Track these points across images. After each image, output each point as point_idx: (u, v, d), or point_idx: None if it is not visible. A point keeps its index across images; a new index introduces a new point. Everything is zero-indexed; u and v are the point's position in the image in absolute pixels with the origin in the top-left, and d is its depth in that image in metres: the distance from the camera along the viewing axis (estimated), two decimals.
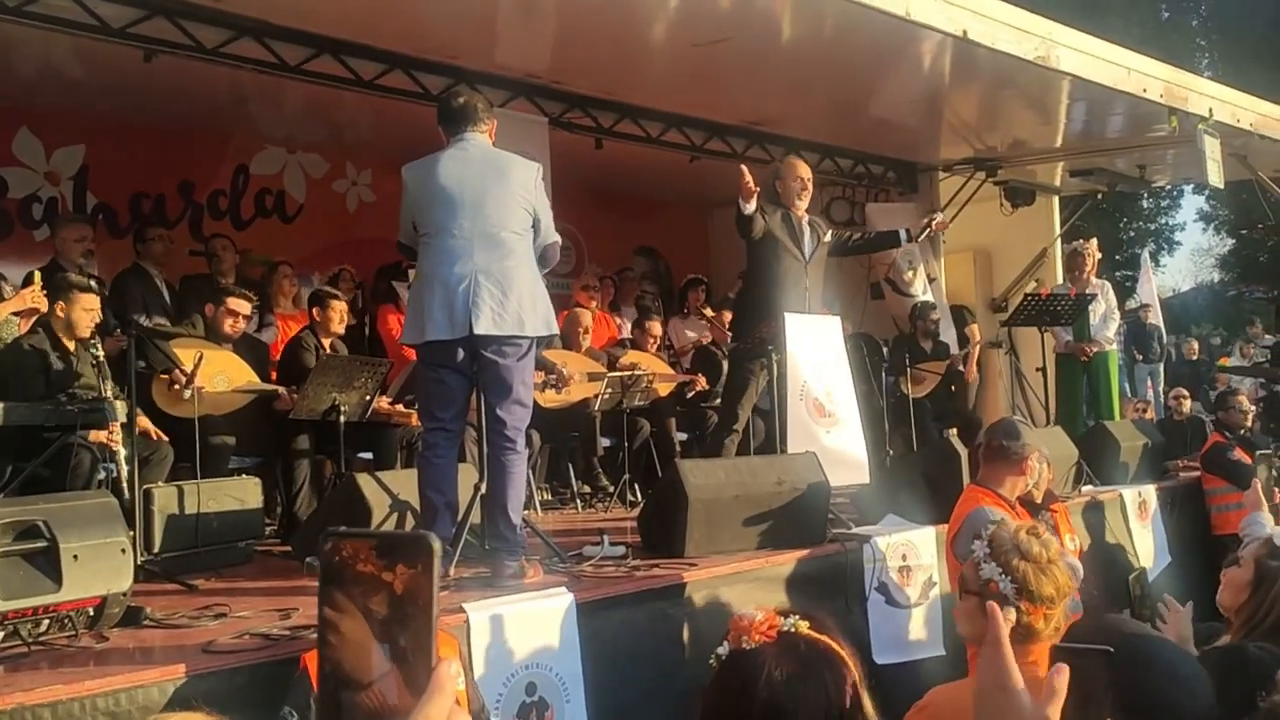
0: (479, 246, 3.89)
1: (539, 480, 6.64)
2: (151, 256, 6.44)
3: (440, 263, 3.93)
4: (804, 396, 5.27)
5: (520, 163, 4.10)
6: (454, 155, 4.03)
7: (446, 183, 3.95)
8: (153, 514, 4.23)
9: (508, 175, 3.99)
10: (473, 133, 4.06)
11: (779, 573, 4.34)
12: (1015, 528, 2.58)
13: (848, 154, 9.32)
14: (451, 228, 3.92)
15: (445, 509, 3.96)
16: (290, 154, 8.42)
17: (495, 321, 3.84)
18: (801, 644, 1.36)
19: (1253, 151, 8.69)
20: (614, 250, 10.04)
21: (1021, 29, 6.18)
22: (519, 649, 3.40)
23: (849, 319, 8.23)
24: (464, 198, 3.92)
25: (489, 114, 4.16)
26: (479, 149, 4.05)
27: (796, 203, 5.67)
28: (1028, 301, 7.85)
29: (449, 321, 3.86)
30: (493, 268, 3.87)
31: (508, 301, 3.86)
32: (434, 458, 4.00)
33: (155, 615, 3.37)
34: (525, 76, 6.82)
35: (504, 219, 3.94)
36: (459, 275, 3.86)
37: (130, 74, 5.99)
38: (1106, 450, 6.84)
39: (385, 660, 0.75)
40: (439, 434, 4.02)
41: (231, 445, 5.18)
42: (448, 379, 4.02)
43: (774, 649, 1.36)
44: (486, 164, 4.01)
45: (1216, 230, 29.94)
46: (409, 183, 4.08)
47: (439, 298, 3.88)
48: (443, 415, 4.04)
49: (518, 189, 3.99)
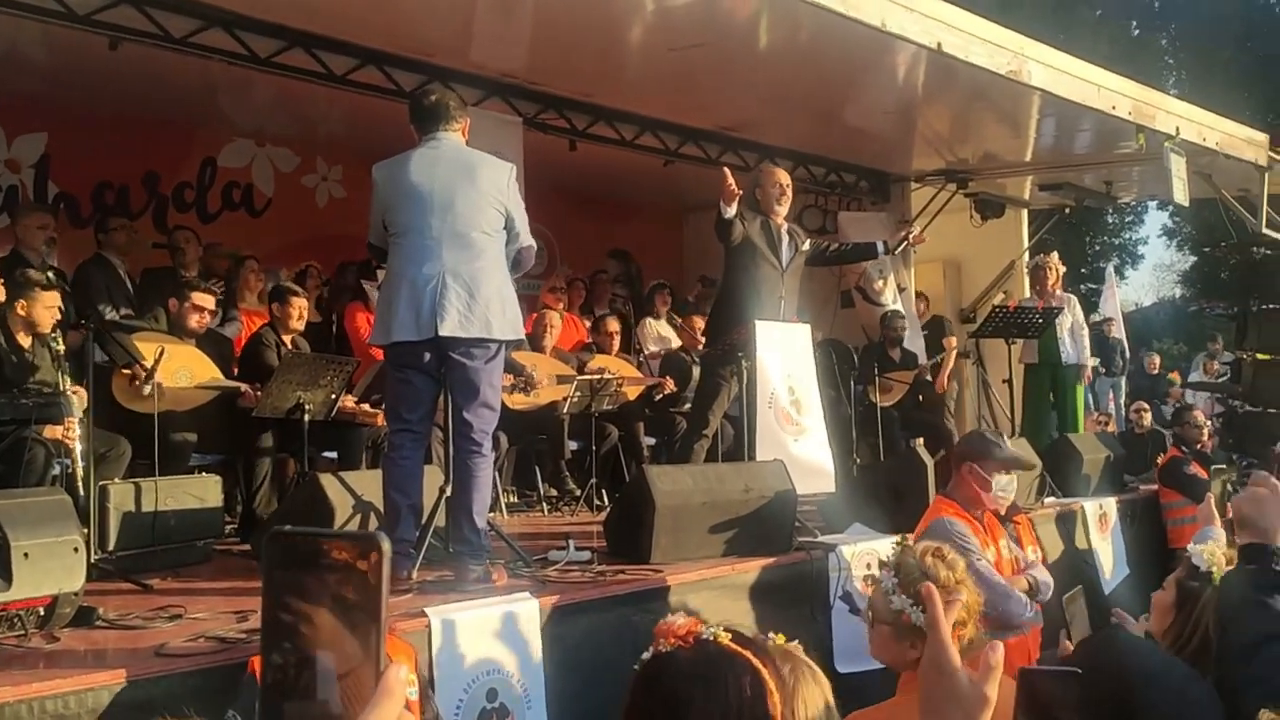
0: (448, 247, 3.84)
1: (505, 483, 6.60)
2: (115, 247, 6.32)
3: (408, 262, 3.89)
4: (773, 404, 5.27)
5: (492, 162, 4.05)
6: (424, 154, 3.98)
7: (416, 181, 3.90)
8: (108, 511, 4.15)
9: (478, 175, 3.94)
10: (445, 132, 4.01)
11: (744, 580, 4.33)
12: (920, 551, 2.59)
13: (821, 162, 9.35)
14: (421, 227, 3.87)
15: (409, 511, 3.93)
16: (259, 147, 8.32)
17: (462, 324, 3.80)
18: (716, 654, 1.37)
19: (1217, 170, 8.82)
20: (587, 253, 10.01)
21: (995, 43, 6.23)
22: (481, 654, 3.36)
23: (819, 327, 8.25)
24: (434, 197, 3.87)
25: (462, 112, 4.11)
26: (450, 148, 4.00)
27: (776, 209, 5.67)
28: (995, 313, 7.91)
29: (415, 322, 3.82)
30: (461, 269, 3.83)
31: (475, 303, 3.82)
32: (399, 459, 3.96)
33: (108, 616, 3.30)
34: (501, 76, 6.77)
35: (474, 219, 3.89)
36: (426, 276, 3.82)
37: (95, 62, 5.87)
38: (1069, 463, 6.90)
39: (330, 667, 0.72)
40: (405, 435, 3.98)
41: (192, 442, 5.09)
42: (415, 380, 3.97)
43: (688, 655, 1.36)
44: (457, 163, 3.96)
45: (1179, 246, 30.38)
46: (379, 181, 4.03)
47: (405, 298, 3.84)
48: (409, 416, 4.00)
49: (489, 189, 3.94)
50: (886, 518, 5.08)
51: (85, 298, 5.78)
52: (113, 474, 4.48)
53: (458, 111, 4.07)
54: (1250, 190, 9.30)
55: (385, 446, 4.33)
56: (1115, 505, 6.88)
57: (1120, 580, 6.58)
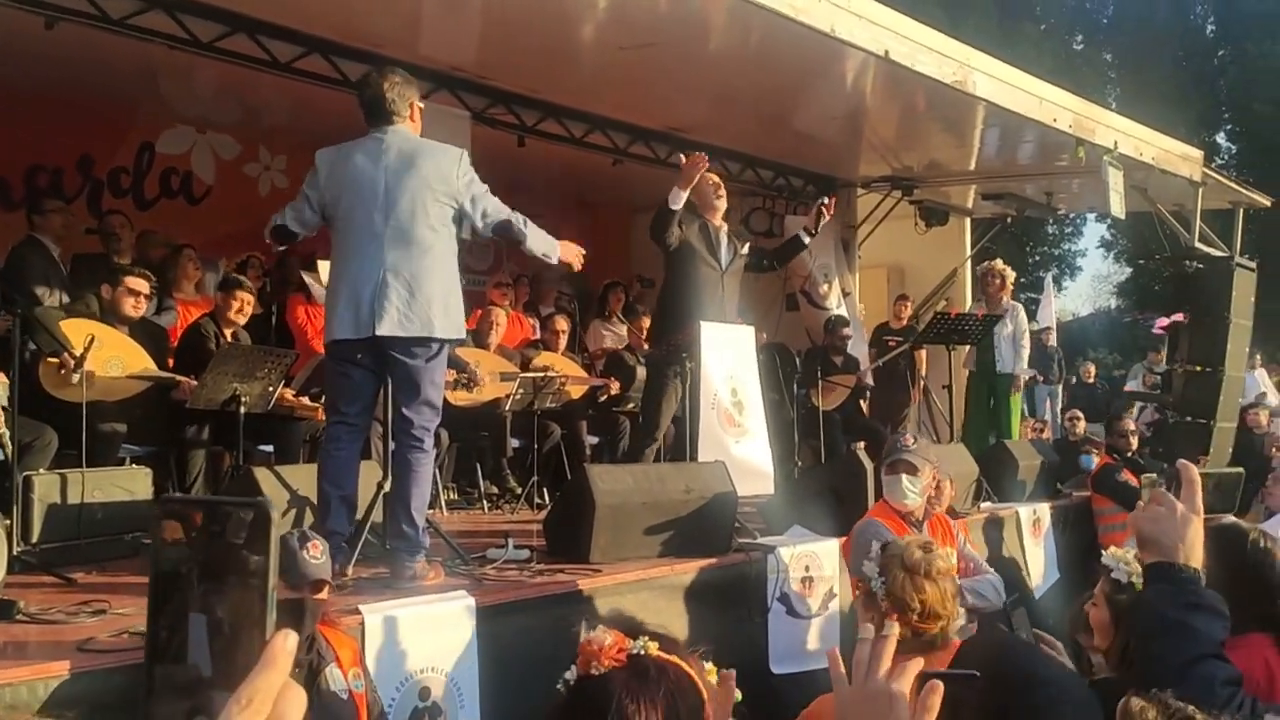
0: (391, 243, 3.78)
1: (446, 480, 6.53)
2: (49, 230, 6.08)
3: (350, 259, 3.83)
4: (715, 405, 5.28)
5: (439, 151, 3.94)
6: (369, 148, 3.90)
7: (360, 175, 3.84)
8: (32, 502, 4.02)
9: (423, 167, 3.86)
10: (392, 124, 3.93)
11: (683, 581, 4.33)
12: (909, 540, 2.66)
13: (769, 165, 9.41)
14: (364, 222, 3.81)
15: (341, 503, 3.86)
16: (200, 134, 8.15)
17: (401, 323, 3.75)
18: (652, 668, 1.33)
19: (1153, 185, 9.03)
20: None
21: (941, 53, 6.31)
22: (414, 652, 3.32)
23: (764, 330, 8.29)
24: (376, 192, 3.81)
25: (407, 98, 3.97)
26: (397, 140, 3.92)
27: (714, 206, 5.67)
28: (937, 320, 8.01)
29: (354, 321, 3.77)
30: (403, 267, 3.77)
31: (415, 302, 3.76)
32: (334, 450, 3.91)
33: (29, 610, 3.21)
34: (450, 69, 6.71)
35: (419, 215, 3.82)
36: (368, 273, 3.76)
37: (30, 41, 5.71)
38: (1005, 468, 7.02)
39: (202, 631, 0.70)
40: (341, 427, 3.93)
41: (122, 433, 4.97)
42: (353, 374, 3.92)
43: (623, 674, 1.32)
44: (402, 157, 3.87)
45: (1116, 259, 31.12)
46: (321, 167, 3.95)
47: (345, 296, 3.80)
48: (346, 410, 3.95)
49: (435, 181, 3.86)
50: (827, 520, 5.12)
51: (19, 282, 5.59)
52: (38, 464, 4.35)
53: (401, 102, 3.94)
54: (1184, 205, 9.55)
55: (322, 439, 4.26)
56: (1049, 510, 7.01)
57: (1051, 584, 6.71)
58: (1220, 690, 1.58)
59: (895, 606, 2.51)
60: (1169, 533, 1.69)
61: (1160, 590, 1.69)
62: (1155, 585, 1.71)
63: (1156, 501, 1.74)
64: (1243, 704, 1.58)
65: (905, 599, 2.49)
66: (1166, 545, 1.69)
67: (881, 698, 1.20)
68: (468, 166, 3.94)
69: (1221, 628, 1.66)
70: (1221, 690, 1.58)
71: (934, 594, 2.50)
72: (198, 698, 0.71)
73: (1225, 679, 1.62)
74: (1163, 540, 1.70)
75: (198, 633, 0.71)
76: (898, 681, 1.20)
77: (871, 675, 1.22)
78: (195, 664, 0.71)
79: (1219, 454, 9.14)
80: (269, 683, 0.71)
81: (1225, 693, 1.58)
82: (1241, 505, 7.87)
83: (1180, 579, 1.67)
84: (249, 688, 0.70)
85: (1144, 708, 1.30)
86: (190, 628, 0.71)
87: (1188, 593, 1.66)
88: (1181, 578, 1.67)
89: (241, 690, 0.70)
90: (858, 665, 1.24)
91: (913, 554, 2.56)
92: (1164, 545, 1.70)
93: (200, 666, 0.71)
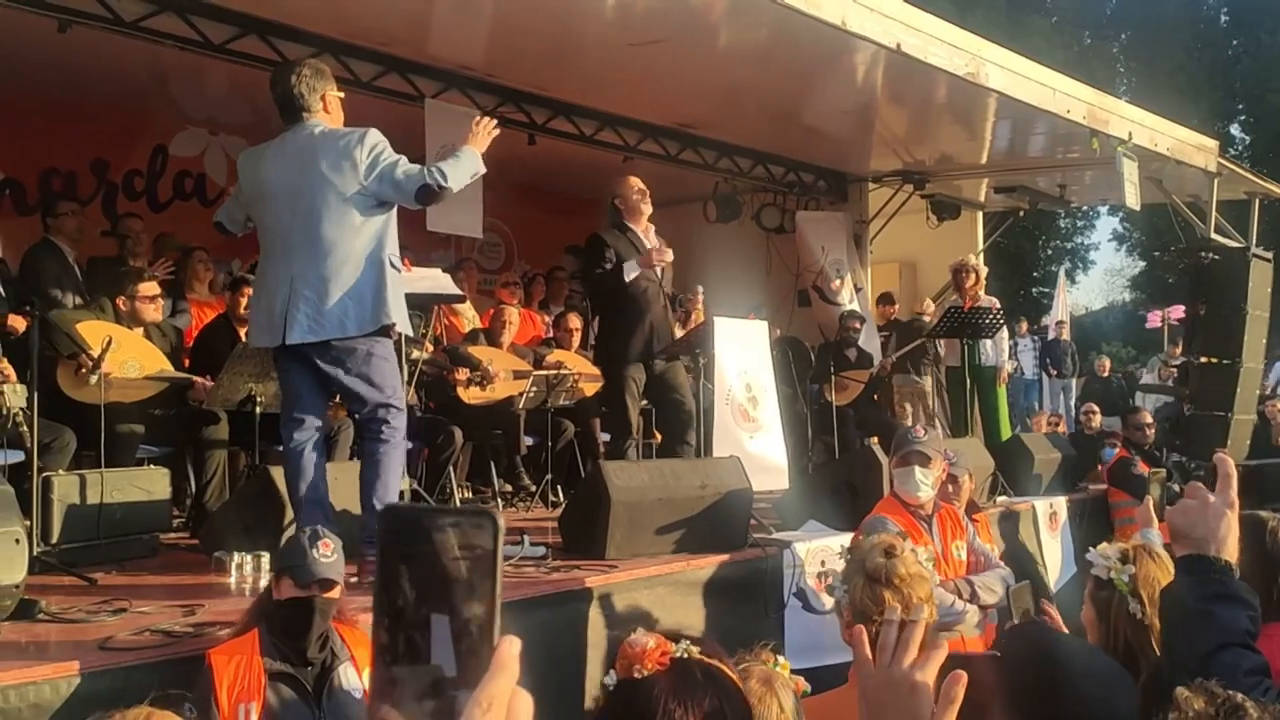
0: (297, 248, 3.70)
1: (460, 478, 6.54)
2: (64, 232, 6.08)
3: (265, 267, 3.82)
4: (729, 401, 5.28)
5: (340, 138, 3.73)
6: (278, 149, 3.80)
7: (266, 179, 3.78)
8: (51, 503, 4.04)
9: (322, 162, 3.68)
10: (302, 120, 3.77)
11: (699, 577, 4.33)
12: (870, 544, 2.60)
13: (780, 161, 9.39)
14: (272, 226, 3.78)
15: (312, 504, 3.79)
16: (213, 136, 8.19)
17: (311, 329, 3.66)
18: (697, 671, 1.33)
19: (1167, 176, 8.98)
20: (544, 248, 9.96)
21: (953, 45, 6.29)
22: None
23: (776, 325, 8.28)
24: (280, 194, 3.73)
25: (318, 90, 3.78)
26: (302, 138, 3.75)
27: (640, 213, 5.60)
28: (951, 314, 7.98)
29: (269, 329, 3.74)
30: (310, 272, 3.67)
31: (325, 306, 3.66)
32: (289, 451, 3.85)
33: (50, 609, 3.22)
34: (459, 69, 6.73)
35: (322, 212, 3.67)
36: (278, 283, 3.71)
37: (44, 45, 5.74)
38: (1021, 462, 6.99)
39: (446, 633, 0.73)
40: (290, 427, 3.86)
41: (140, 434, 4.99)
42: (290, 376, 3.88)
43: (667, 678, 1.31)
44: (303, 155, 3.71)
45: (1129, 252, 30.99)
46: (240, 171, 3.93)
47: (262, 304, 3.78)
48: (290, 410, 3.89)
49: (332, 174, 3.67)
50: (842, 515, 5.10)
51: (34, 284, 5.61)
52: (57, 465, 4.37)
53: (311, 96, 3.76)
54: (1200, 196, 9.49)
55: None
56: (1065, 504, 6.98)
57: (1068, 578, 6.68)
58: (1244, 680, 1.56)
59: (857, 617, 2.44)
60: (1199, 525, 1.69)
61: (1187, 582, 1.69)
62: (1183, 577, 1.71)
63: (1190, 495, 1.73)
64: (1268, 691, 1.56)
65: (865, 609, 2.41)
66: (1197, 538, 1.69)
67: (904, 686, 1.19)
68: (373, 144, 3.71)
69: (1249, 617, 1.64)
70: (1245, 679, 1.57)
71: (894, 602, 2.40)
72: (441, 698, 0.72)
73: (1250, 668, 1.60)
74: (1193, 533, 1.69)
75: (440, 634, 0.73)
76: (922, 671, 1.19)
77: (896, 662, 1.21)
78: (438, 664, 0.72)
79: (1237, 447, 9.08)
80: (502, 687, 0.72)
81: (1249, 681, 1.57)
82: None
83: (1208, 570, 1.67)
84: (485, 692, 0.71)
85: (1190, 697, 1.29)
86: (433, 629, 0.73)
87: (1213, 583, 1.66)
88: (1210, 569, 1.66)
89: (479, 693, 0.71)
90: (883, 650, 1.23)
91: (874, 560, 2.47)
92: (1195, 538, 1.69)
93: (444, 667, 0.72)
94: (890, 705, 1.20)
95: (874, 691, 1.22)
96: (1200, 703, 1.31)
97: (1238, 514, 1.72)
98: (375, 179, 3.70)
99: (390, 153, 3.74)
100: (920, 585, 2.48)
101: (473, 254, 9.43)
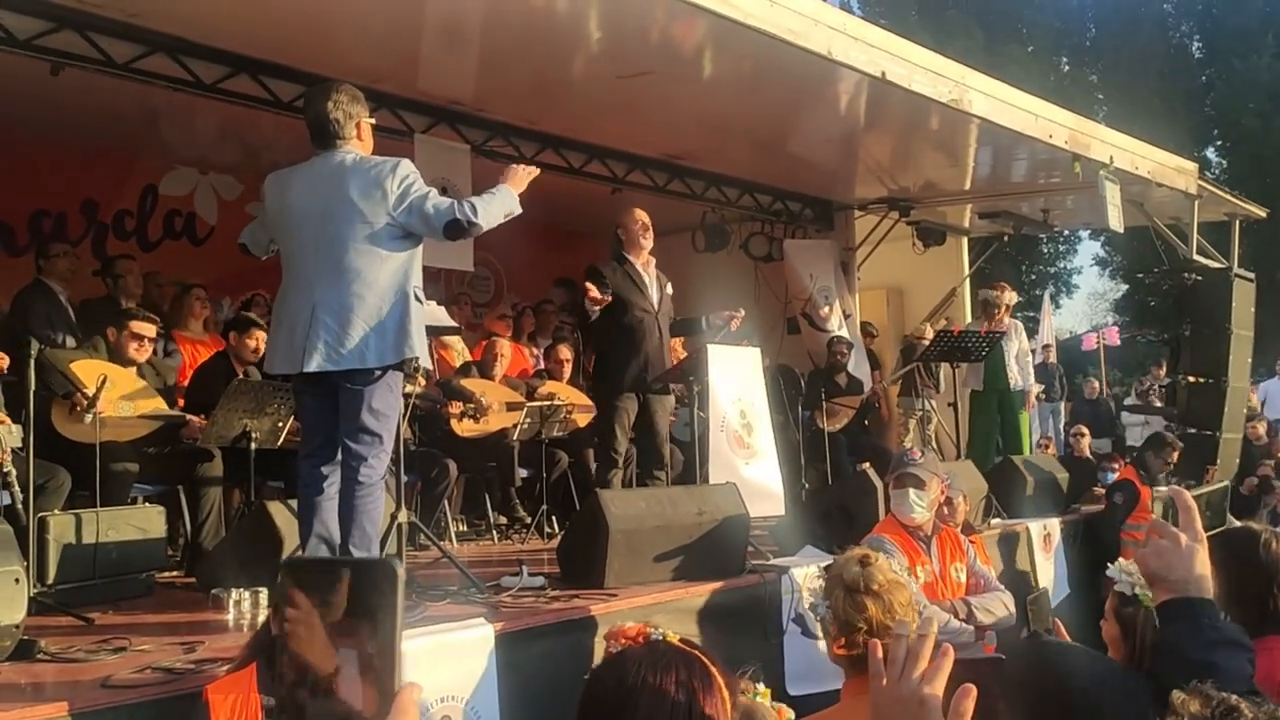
0: (321, 275, 3.65)
1: (454, 511, 6.53)
2: (56, 273, 6.07)
3: (287, 292, 3.76)
4: (724, 428, 5.30)
5: (372, 167, 3.70)
6: (306, 173, 3.77)
7: (293, 204, 3.74)
8: (47, 543, 4.01)
9: (352, 190, 3.65)
10: (335, 147, 3.74)
11: (697, 603, 4.32)
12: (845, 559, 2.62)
13: (766, 190, 9.47)
14: (296, 253, 3.74)
15: (317, 540, 3.73)
16: (202, 175, 8.22)
17: (331, 357, 3.62)
18: (668, 650, 1.44)
19: (1149, 198, 9.10)
20: (533, 281, 9.99)
21: (937, 72, 6.38)
22: (433, 682, 3.30)
23: (765, 352, 8.31)
24: (307, 221, 3.69)
25: (354, 117, 3.76)
26: (332, 164, 3.72)
27: (641, 244, 5.67)
28: (940, 338, 8.04)
29: (289, 356, 3.69)
30: (332, 300, 3.63)
31: (347, 335, 3.62)
32: (304, 486, 3.79)
33: (49, 649, 3.20)
34: (448, 103, 6.78)
35: (347, 241, 3.63)
36: (300, 309, 3.66)
37: (34, 87, 5.77)
38: (1014, 484, 7.02)
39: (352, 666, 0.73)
40: (306, 462, 3.82)
41: (134, 472, 4.96)
42: (307, 405, 3.86)
43: (643, 651, 1.44)
44: (333, 181, 3.68)
45: (1112, 275, 31.23)
46: (265, 195, 3.86)
47: (283, 331, 3.72)
48: (307, 444, 3.87)
49: (361, 202, 3.64)
50: (837, 540, 5.10)
51: (25, 326, 5.60)
52: (52, 505, 4.35)
53: (346, 123, 3.73)
54: (1181, 218, 9.61)
55: None
56: (1059, 526, 7.00)
57: (1061, 599, 6.68)
58: None
59: (842, 629, 2.44)
60: (1175, 567, 1.65)
61: (1179, 630, 1.63)
62: (1173, 625, 1.65)
63: (1157, 535, 1.68)
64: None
65: (849, 619, 2.42)
66: (1175, 580, 1.64)
67: (913, 701, 1.21)
68: (404, 175, 3.69)
69: (1248, 660, 1.61)
70: None
71: (876, 609, 2.44)
72: None
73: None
74: (1170, 576, 1.65)
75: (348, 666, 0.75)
76: (930, 684, 1.21)
77: (906, 676, 1.23)
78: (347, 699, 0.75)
79: (1226, 465, 9.14)
80: None
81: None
82: (1247, 512, 7.88)
83: (1197, 615, 1.62)
84: None
85: (1186, 700, 1.30)
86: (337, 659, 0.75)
87: (1206, 629, 1.61)
88: (1200, 615, 1.62)
89: None
90: (892, 664, 1.25)
91: (851, 571, 2.49)
92: (1172, 581, 1.65)
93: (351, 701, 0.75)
94: (900, 719, 1.22)
95: (885, 706, 1.24)
96: (1196, 705, 1.32)
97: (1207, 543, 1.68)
98: (405, 210, 3.68)
99: (421, 185, 3.73)
100: (899, 591, 2.51)
101: (464, 287, 9.46)
